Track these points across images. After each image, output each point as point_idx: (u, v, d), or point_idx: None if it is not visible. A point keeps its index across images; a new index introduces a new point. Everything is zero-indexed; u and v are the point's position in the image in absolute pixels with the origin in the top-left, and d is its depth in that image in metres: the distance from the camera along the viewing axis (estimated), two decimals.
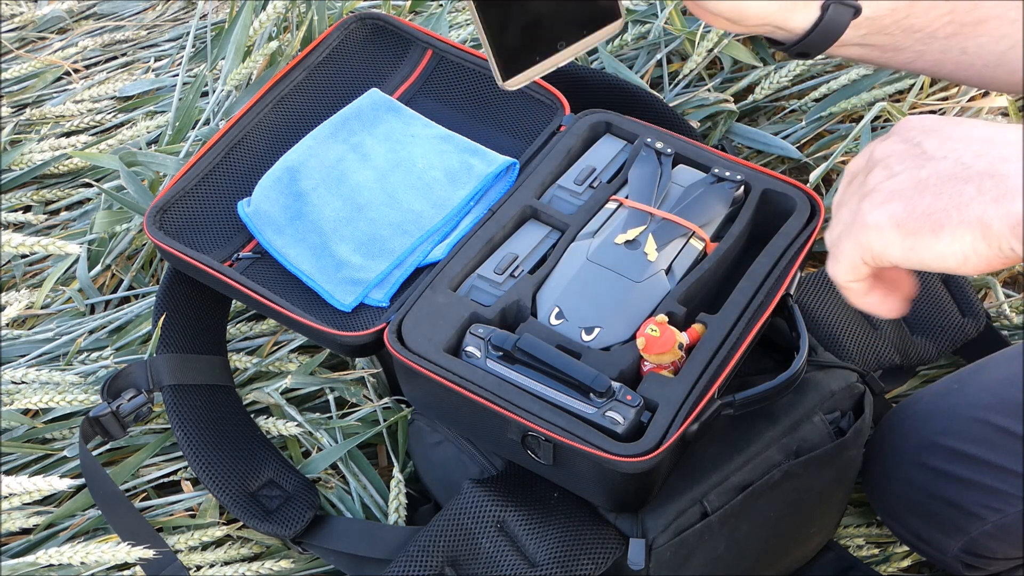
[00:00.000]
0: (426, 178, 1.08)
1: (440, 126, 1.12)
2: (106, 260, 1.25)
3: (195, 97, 1.30)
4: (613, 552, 0.91)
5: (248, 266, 1.07)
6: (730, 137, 1.35)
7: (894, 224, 0.65)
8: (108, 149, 1.34)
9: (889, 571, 1.12)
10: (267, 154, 1.12)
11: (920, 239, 0.65)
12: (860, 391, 1.01)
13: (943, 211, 0.64)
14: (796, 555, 1.07)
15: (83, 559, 0.97)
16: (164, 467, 1.10)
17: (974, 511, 1.00)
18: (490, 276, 0.98)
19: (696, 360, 0.90)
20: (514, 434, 0.89)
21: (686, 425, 0.86)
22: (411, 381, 0.95)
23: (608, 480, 0.87)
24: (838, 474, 1.01)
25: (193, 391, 1.06)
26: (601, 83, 1.21)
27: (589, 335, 0.93)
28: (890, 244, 0.66)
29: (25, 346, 1.17)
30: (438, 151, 1.10)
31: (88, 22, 1.57)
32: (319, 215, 1.06)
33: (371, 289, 1.03)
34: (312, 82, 1.16)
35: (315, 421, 1.10)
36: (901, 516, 1.07)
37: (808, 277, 1.15)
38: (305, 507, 1.02)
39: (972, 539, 1.02)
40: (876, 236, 0.66)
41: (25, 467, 1.10)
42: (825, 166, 1.28)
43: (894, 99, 1.40)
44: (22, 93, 1.45)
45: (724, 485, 0.93)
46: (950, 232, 0.64)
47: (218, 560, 1.04)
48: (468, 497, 0.93)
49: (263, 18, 1.30)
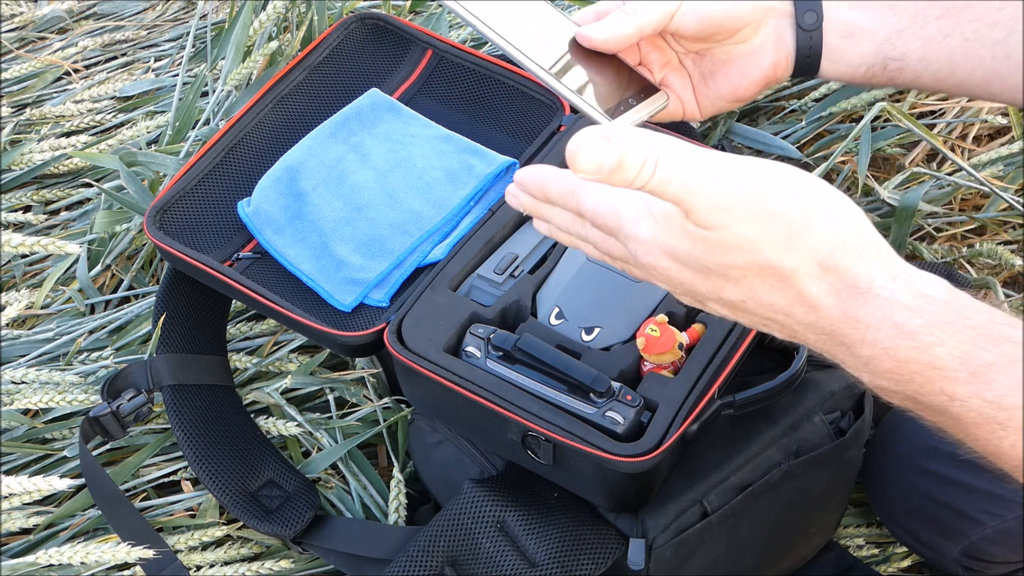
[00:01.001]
0: (426, 178, 1.08)
1: (440, 126, 1.12)
2: (106, 260, 1.25)
3: (195, 97, 1.30)
4: (613, 552, 0.91)
5: (248, 266, 1.07)
6: (730, 137, 1.35)
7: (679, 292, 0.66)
8: (108, 149, 1.34)
9: (889, 571, 1.12)
10: (267, 154, 1.12)
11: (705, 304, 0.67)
12: (860, 391, 1.01)
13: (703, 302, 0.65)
14: (796, 555, 1.07)
15: (83, 559, 0.97)
16: (164, 467, 1.10)
17: (974, 516, 1.00)
18: (490, 276, 0.98)
19: (696, 360, 0.90)
20: (514, 434, 0.89)
21: (686, 425, 0.86)
22: (411, 381, 0.95)
23: (608, 480, 0.87)
24: (838, 474, 1.01)
25: (193, 391, 1.06)
26: None
27: (589, 335, 0.93)
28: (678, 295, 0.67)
29: (25, 346, 1.17)
30: (438, 151, 1.10)
31: (88, 22, 1.56)
32: (319, 215, 1.06)
33: (371, 289, 1.03)
34: (312, 82, 1.16)
35: (315, 421, 1.10)
36: (900, 519, 1.07)
37: None
38: (305, 507, 1.02)
39: (972, 543, 1.02)
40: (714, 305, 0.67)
41: (25, 467, 1.10)
42: (825, 166, 1.28)
43: (894, 99, 1.40)
44: (22, 93, 1.45)
45: (724, 485, 0.93)
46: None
47: (218, 560, 1.04)
48: (468, 497, 0.93)
49: (263, 18, 1.30)
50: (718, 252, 0.61)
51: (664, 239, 0.62)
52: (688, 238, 0.61)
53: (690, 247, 0.61)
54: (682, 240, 0.61)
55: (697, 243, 0.61)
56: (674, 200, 0.59)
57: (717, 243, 0.60)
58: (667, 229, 0.62)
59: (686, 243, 0.61)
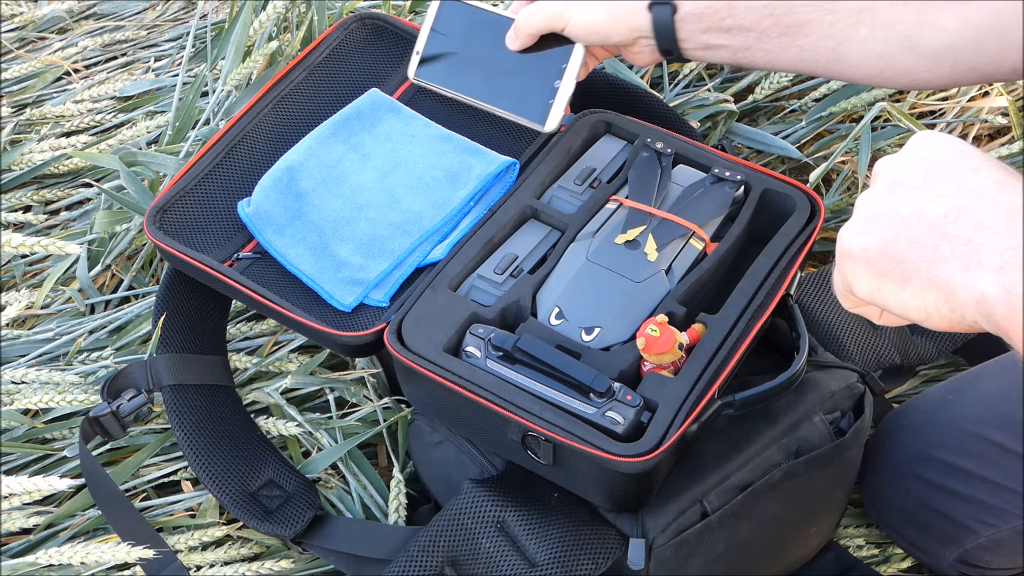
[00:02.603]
0: (426, 178, 1.08)
1: (440, 126, 1.12)
2: (106, 260, 1.25)
3: (195, 97, 1.30)
4: (613, 552, 0.91)
5: (248, 266, 1.07)
6: (730, 137, 1.35)
7: (865, 260, 0.64)
8: (108, 149, 1.34)
9: (889, 571, 1.12)
10: (267, 154, 1.11)
11: (887, 283, 0.63)
12: (860, 391, 1.01)
13: (914, 263, 0.62)
14: (796, 555, 1.07)
15: (83, 559, 0.97)
16: (164, 467, 1.10)
17: (968, 525, 1.00)
18: (490, 276, 0.98)
19: (696, 360, 0.90)
20: (514, 434, 0.89)
21: (686, 425, 0.86)
22: (411, 381, 0.95)
23: (608, 480, 0.87)
24: (838, 474, 1.01)
25: (193, 391, 1.06)
26: (601, 83, 1.20)
27: (589, 335, 0.93)
28: (859, 278, 0.65)
29: (25, 346, 1.17)
30: (438, 151, 1.10)
31: (88, 22, 1.56)
32: (319, 215, 1.06)
33: (371, 289, 1.03)
34: (312, 82, 1.16)
35: (315, 421, 1.10)
36: (897, 525, 1.08)
37: (808, 277, 1.14)
38: (305, 507, 1.02)
39: (967, 551, 1.02)
40: (849, 266, 0.65)
41: (25, 467, 1.10)
42: (825, 166, 1.28)
43: (894, 99, 1.40)
44: (22, 93, 1.45)
45: (724, 485, 0.93)
46: (916, 286, 0.62)
47: (218, 560, 1.04)
48: (468, 497, 0.93)
49: (263, 18, 1.30)
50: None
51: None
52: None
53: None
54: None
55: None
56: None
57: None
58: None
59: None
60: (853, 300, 0.69)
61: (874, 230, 0.64)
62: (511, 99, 1.05)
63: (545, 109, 1.04)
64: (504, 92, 1.06)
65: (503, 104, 1.05)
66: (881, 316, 0.71)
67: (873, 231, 0.64)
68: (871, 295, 0.65)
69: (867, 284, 0.65)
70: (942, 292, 0.61)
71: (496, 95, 1.06)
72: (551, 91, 1.03)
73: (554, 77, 1.04)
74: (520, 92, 1.05)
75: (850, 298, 0.68)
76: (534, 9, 1.02)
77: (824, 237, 1.31)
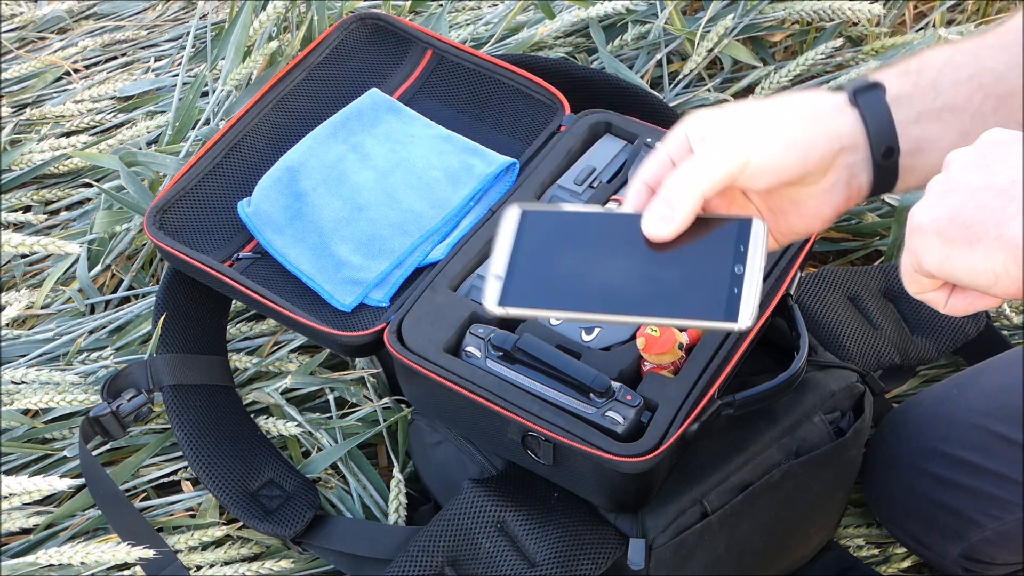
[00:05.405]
0: (426, 178, 1.08)
1: (440, 126, 1.12)
2: (106, 260, 1.25)
3: (195, 97, 1.30)
4: (613, 552, 0.91)
5: (248, 266, 1.07)
6: None
7: (934, 229, 0.64)
8: (108, 149, 1.34)
9: (889, 571, 1.12)
10: (267, 154, 1.12)
11: (956, 249, 0.63)
12: (860, 391, 1.01)
13: (982, 224, 0.62)
14: (796, 555, 1.07)
15: (83, 559, 0.97)
16: (164, 467, 1.10)
17: (973, 518, 1.00)
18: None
19: (696, 360, 0.90)
20: (514, 434, 0.89)
21: (686, 425, 0.86)
22: (411, 381, 0.95)
23: (608, 480, 0.87)
24: (838, 474, 1.01)
25: (193, 391, 1.06)
26: (601, 83, 1.21)
27: (589, 335, 0.93)
28: (928, 249, 0.64)
29: (25, 346, 1.17)
30: (438, 151, 1.10)
31: (88, 22, 1.56)
32: (319, 215, 1.06)
33: (371, 289, 1.03)
34: (312, 82, 1.16)
35: (315, 421, 1.10)
36: (900, 520, 1.07)
37: (808, 277, 1.14)
38: (305, 507, 1.02)
39: (971, 545, 1.02)
40: (918, 240, 0.65)
41: (25, 467, 1.10)
42: None
43: None
44: (22, 93, 1.45)
45: (724, 485, 0.93)
46: (985, 247, 0.62)
47: (218, 560, 1.04)
48: (468, 497, 0.93)
49: (263, 18, 1.29)
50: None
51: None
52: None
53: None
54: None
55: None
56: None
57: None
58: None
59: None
60: (920, 282, 0.68)
61: (944, 203, 0.64)
62: (667, 304, 0.73)
63: (730, 302, 0.71)
64: (650, 298, 0.73)
65: (657, 312, 0.73)
66: (947, 304, 0.69)
67: (943, 203, 0.64)
68: (940, 265, 0.64)
69: (936, 254, 0.64)
70: (1010, 250, 0.61)
71: (634, 303, 0.73)
72: (728, 278, 0.72)
73: (724, 259, 0.72)
74: (676, 292, 0.73)
75: (917, 279, 0.68)
76: (694, 170, 0.70)
77: (824, 237, 1.31)
